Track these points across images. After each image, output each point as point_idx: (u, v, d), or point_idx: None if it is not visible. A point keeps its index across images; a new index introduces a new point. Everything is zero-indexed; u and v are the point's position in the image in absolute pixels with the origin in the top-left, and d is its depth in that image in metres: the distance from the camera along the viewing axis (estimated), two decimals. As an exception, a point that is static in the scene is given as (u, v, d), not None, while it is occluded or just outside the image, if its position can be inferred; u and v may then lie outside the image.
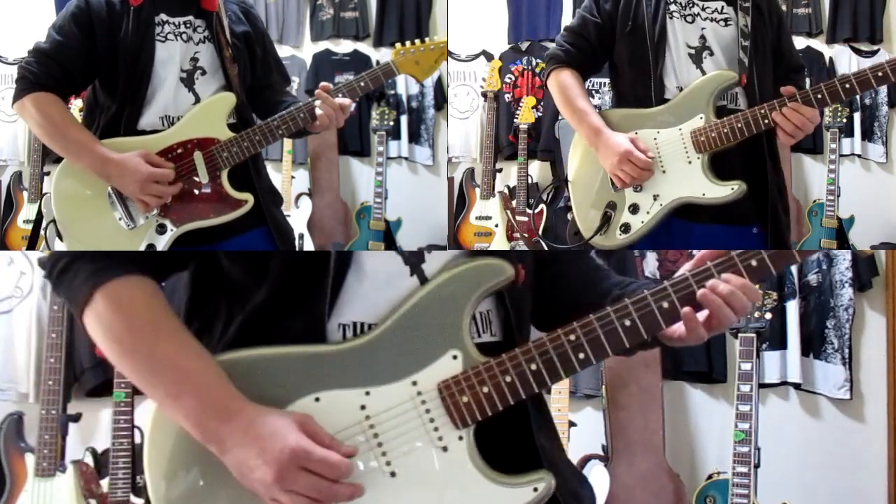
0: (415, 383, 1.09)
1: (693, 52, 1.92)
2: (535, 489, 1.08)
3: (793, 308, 3.28)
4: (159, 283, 1.17)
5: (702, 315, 1.12)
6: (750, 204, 1.86)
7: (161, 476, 1.09)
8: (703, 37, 1.93)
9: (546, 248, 1.98)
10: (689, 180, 1.86)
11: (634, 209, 1.92)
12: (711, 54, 1.92)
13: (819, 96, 1.72)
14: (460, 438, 1.09)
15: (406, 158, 4.46)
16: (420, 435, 1.08)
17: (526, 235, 3.69)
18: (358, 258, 1.14)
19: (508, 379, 1.09)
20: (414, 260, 1.15)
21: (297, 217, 4.20)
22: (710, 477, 2.89)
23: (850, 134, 4.14)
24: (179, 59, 1.86)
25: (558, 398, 2.93)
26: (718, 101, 1.88)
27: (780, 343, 3.28)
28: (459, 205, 4.19)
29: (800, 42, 4.30)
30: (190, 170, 1.83)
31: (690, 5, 1.95)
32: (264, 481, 1.01)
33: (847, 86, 1.69)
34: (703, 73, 1.90)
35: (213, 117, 1.85)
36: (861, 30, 4.18)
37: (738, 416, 2.69)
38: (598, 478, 2.96)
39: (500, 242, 3.93)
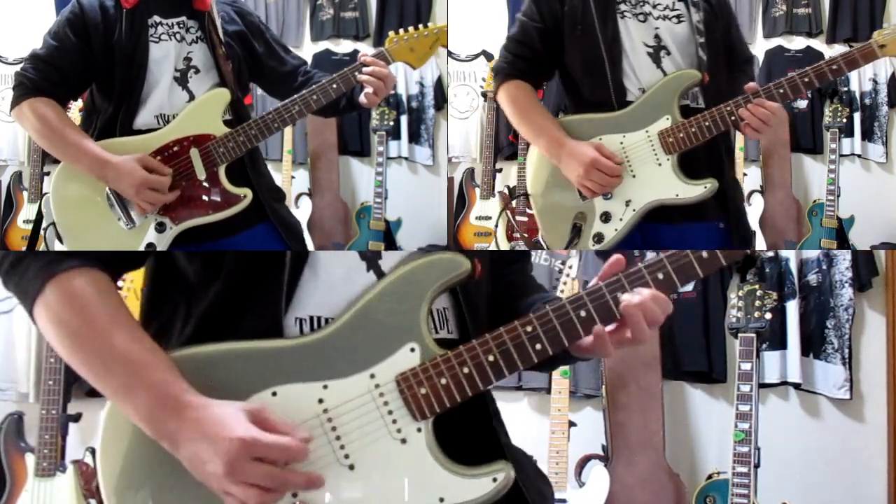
0: (373, 376, 1.10)
1: (651, 51, 1.87)
2: (495, 479, 1.08)
3: (793, 308, 3.28)
4: (114, 279, 1.17)
5: (609, 328, 1.14)
6: (712, 200, 1.85)
7: (114, 487, 1.08)
8: (657, 36, 1.88)
9: (546, 248, 1.96)
10: (661, 182, 1.84)
11: (606, 217, 1.87)
12: (669, 53, 1.87)
13: (781, 91, 1.76)
14: (419, 430, 1.09)
15: (406, 158, 4.46)
16: (378, 427, 1.09)
17: (526, 235, 3.68)
18: (315, 255, 1.14)
19: (466, 370, 1.10)
20: (371, 256, 1.16)
21: (297, 217, 4.19)
22: (709, 477, 2.89)
23: (850, 134, 4.14)
24: (173, 59, 1.87)
25: (558, 398, 2.93)
26: (681, 100, 1.86)
27: (780, 343, 3.27)
28: (459, 205, 4.19)
29: (800, 42, 4.31)
30: (187, 167, 1.83)
31: (641, 4, 1.89)
32: (216, 474, 1.00)
33: (805, 80, 1.75)
34: (664, 72, 1.86)
35: (208, 114, 1.86)
36: (861, 30, 4.17)
37: (738, 416, 2.69)
38: (598, 478, 2.96)
39: (499, 243, 3.93)
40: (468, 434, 1.15)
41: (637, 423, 3.07)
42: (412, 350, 1.10)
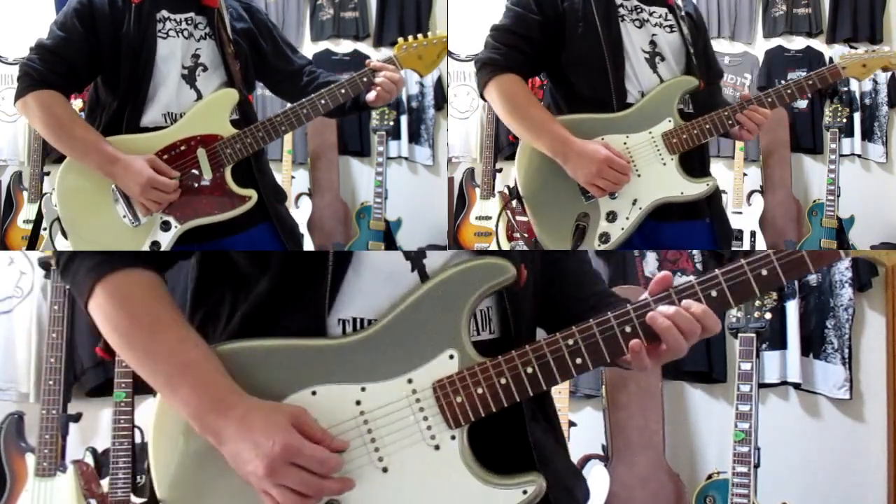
0: (410, 381, 1.10)
1: (648, 56, 1.92)
2: (525, 491, 1.08)
3: (793, 308, 3.28)
4: (163, 272, 1.19)
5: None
6: (702, 199, 1.92)
7: (167, 469, 1.11)
8: (653, 42, 1.92)
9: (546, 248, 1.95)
10: (667, 181, 1.89)
11: (612, 217, 1.89)
12: (663, 59, 1.93)
13: (770, 99, 1.92)
14: (453, 438, 1.09)
15: (406, 158, 4.46)
16: (413, 433, 1.09)
17: (526, 235, 3.68)
18: (360, 255, 1.15)
19: (503, 381, 1.10)
20: (416, 256, 1.15)
21: (297, 217, 4.17)
22: (709, 477, 2.89)
23: (850, 134, 4.14)
24: (181, 56, 1.86)
25: (558, 398, 2.93)
26: (679, 104, 1.92)
27: (779, 343, 3.28)
28: (459, 205, 4.19)
29: (800, 42, 4.31)
30: (193, 167, 1.83)
31: (638, 10, 1.93)
32: (256, 474, 1.03)
33: (789, 91, 1.92)
34: (660, 78, 1.91)
35: (215, 114, 1.86)
36: (861, 30, 4.18)
37: (738, 415, 2.69)
38: (598, 478, 2.96)
39: (500, 243, 3.93)
40: (503, 440, 1.15)
41: (637, 423, 3.07)
42: (451, 357, 1.10)
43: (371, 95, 1.90)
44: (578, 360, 1.11)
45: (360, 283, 1.14)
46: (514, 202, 2.00)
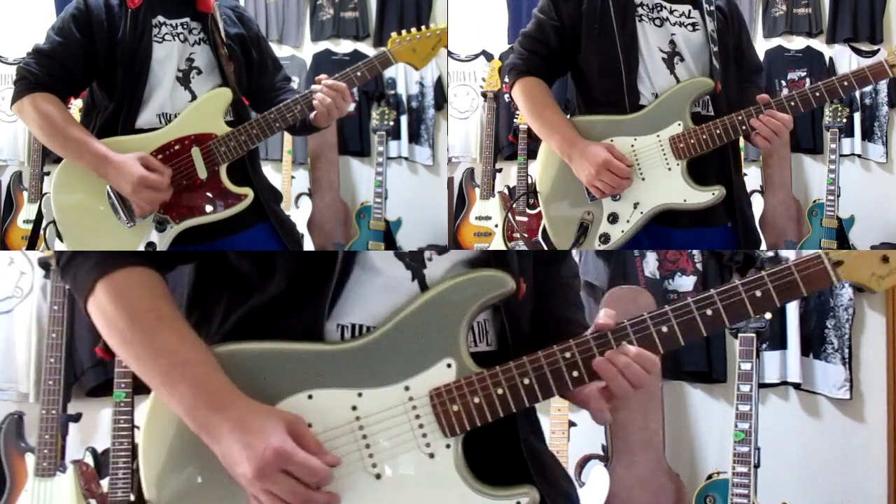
0: (407, 388, 1.10)
1: (665, 56, 1.89)
2: (519, 503, 1.08)
3: (793, 308, 3.28)
4: (164, 273, 1.19)
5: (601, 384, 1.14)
6: (720, 205, 1.87)
7: (155, 470, 1.10)
8: (672, 42, 1.89)
9: (546, 248, 1.95)
10: (670, 187, 1.85)
11: (614, 218, 1.88)
12: (682, 60, 1.89)
13: (792, 103, 1.80)
14: (448, 447, 1.09)
15: (406, 158, 4.46)
16: (408, 440, 1.09)
17: (526, 235, 3.68)
18: (361, 260, 1.15)
19: (500, 391, 1.10)
20: (416, 265, 1.16)
21: (297, 217, 4.20)
22: (710, 477, 2.89)
23: (851, 134, 4.14)
24: (176, 59, 1.87)
25: (558, 398, 2.93)
26: (693, 107, 1.88)
27: (779, 343, 3.27)
28: (459, 205, 4.19)
29: (800, 42, 4.31)
30: (188, 166, 1.83)
31: (658, 8, 1.90)
32: (246, 476, 1.03)
33: (817, 94, 1.80)
34: (677, 79, 1.88)
35: (209, 113, 1.86)
36: (861, 30, 4.18)
37: (738, 416, 2.69)
38: (598, 478, 2.96)
39: (499, 243, 3.93)
40: (498, 451, 1.15)
41: (637, 423, 3.07)
42: (448, 366, 1.10)
43: (311, 114, 1.88)
44: (575, 374, 1.12)
45: (361, 291, 1.14)
46: (514, 202, 1.99)
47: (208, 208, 1.84)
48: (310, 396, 1.09)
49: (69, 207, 1.86)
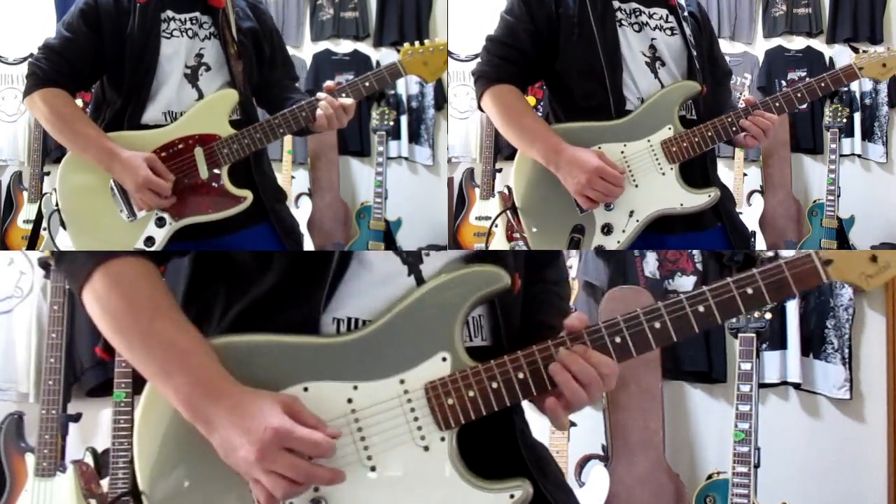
0: (402, 381, 1.10)
1: (648, 60, 1.86)
2: (512, 496, 1.09)
3: (793, 308, 3.28)
4: (159, 266, 1.19)
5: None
6: (709, 208, 1.85)
7: (150, 467, 1.10)
8: (652, 46, 1.86)
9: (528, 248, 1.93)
10: (665, 192, 1.82)
11: (608, 230, 1.82)
12: (663, 64, 1.86)
13: (777, 104, 1.85)
14: (442, 440, 1.10)
15: (406, 158, 4.46)
16: (403, 433, 1.10)
17: (526, 236, 3.68)
18: (358, 256, 1.15)
19: (495, 385, 1.10)
20: (412, 260, 1.16)
21: (297, 217, 4.16)
22: (710, 477, 2.89)
23: (851, 134, 4.14)
24: (184, 56, 1.88)
25: (558, 398, 2.93)
26: (679, 111, 1.85)
27: (779, 343, 3.28)
28: (459, 205, 4.19)
29: (800, 42, 4.31)
30: (190, 165, 1.84)
31: (637, 13, 1.86)
32: (247, 460, 1.02)
33: (798, 95, 1.86)
34: (661, 83, 1.85)
35: (214, 114, 1.87)
36: (861, 30, 4.18)
37: (738, 416, 2.69)
38: (598, 478, 2.96)
39: (499, 243, 3.93)
40: (493, 445, 1.16)
41: (637, 423, 3.07)
42: (444, 359, 1.11)
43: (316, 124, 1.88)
44: None
45: (357, 285, 1.14)
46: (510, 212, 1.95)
47: (208, 208, 1.85)
48: (305, 389, 1.09)
49: (74, 196, 1.88)
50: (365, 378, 1.10)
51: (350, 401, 1.10)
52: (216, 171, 1.85)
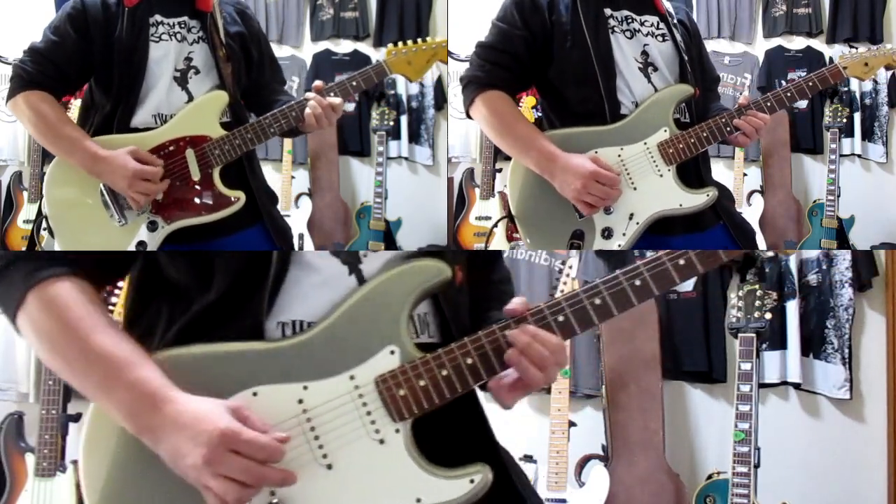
0: (352, 377, 1.11)
1: (641, 66, 1.87)
2: (472, 481, 1.09)
3: (793, 308, 3.28)
4: (120, 274, 1.19)
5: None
6: (708, 207, 1.87)
7: (99, 488, 1.09)
8: (645, 52, 1.87)
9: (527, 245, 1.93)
10: (664, 193, 1.83)
11: (608, 234, 1.83)
12: (656, 70, 1.88)
13: (768, 104, 1.89)
14: (397, 431, 1.10)
15: (406, 158, 4.46)
16: (357, 428, 1.10)
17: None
18: (297, 259, 1.15)
19: (445, 372, 1.11)
20: (352, 260, 1.17)
21: (297, 217, 4.20)
22: (710, 477, 2.89)
23: (851, 134, 4.14)
24: (173, 59, 1.87)
25: (558, 398, 2.93)
26: (674, 114, 1.87)
27: (779, 343, 3.27)
28: (459, 205, 4.19)
29: (800, 42, 4.31)
30: (182, 167, 1.84)
31: (629, 20, 1.88)
32: (195, 465, 1.01)
33: (788, 94, 1.90)
34: (655, 87, 1.86)
35: (205, 115, 1.87)
36: (861, 30, 4.18)
37: (738, 416, 2.69)
38: (598, 478, 2.96)
39: (500, 243, 3.93)
40: (457, 436, 1.16)
41: (637, 423, 3.07)
42: (392, 352, 1.11)
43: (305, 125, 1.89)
44: None
45: (299, 288, 1.14)
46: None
47: (200, 210, 1.85)
48: (254, 394, 1.09)
49: (61, 204, 1.86)
50: (314, 377, 1.10)
51: (301, 401, 1.09)
52: (208, 172, 1.84)
